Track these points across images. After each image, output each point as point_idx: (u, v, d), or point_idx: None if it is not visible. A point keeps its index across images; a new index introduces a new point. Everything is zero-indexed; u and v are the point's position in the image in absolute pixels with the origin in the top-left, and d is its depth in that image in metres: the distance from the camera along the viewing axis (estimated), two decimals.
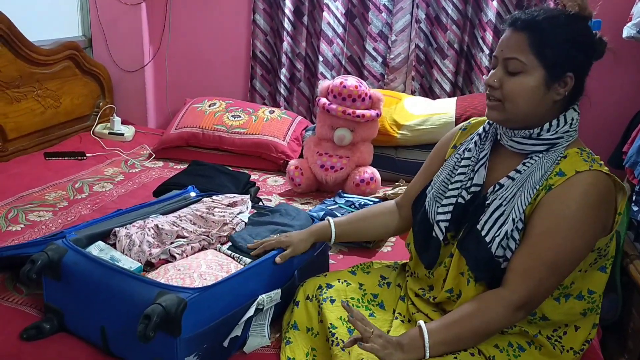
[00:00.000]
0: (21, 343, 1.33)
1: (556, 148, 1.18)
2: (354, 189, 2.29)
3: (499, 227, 1.16)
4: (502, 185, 1.20)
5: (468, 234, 1.21)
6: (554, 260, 1.12)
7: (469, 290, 1.20)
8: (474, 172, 1.26)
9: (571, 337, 1.23)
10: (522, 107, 1.17)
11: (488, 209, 1.19)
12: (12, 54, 2.49)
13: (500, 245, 1.15)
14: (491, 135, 1.28)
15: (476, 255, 1.19)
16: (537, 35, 1.14)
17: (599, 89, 2.70)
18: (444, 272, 1.27)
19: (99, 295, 1.28)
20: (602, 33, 1.22)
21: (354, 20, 2.88)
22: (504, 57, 1.17)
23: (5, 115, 2.47)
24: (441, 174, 1.33)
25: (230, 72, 3.17)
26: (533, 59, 1.14)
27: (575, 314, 1.22)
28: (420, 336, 1.11)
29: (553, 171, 1.15)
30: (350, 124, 2.32)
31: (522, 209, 1.15)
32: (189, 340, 1.19)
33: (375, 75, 2.91)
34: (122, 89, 3.20)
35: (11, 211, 2.02)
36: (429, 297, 1.30)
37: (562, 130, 1.18)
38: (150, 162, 2.67)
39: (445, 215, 1.26)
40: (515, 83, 1.16)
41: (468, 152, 1.29)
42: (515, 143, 1.22)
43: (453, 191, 1.27)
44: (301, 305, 1.35)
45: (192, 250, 1.50)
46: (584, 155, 1.17)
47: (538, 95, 1.16)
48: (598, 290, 1.22)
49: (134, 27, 3.09)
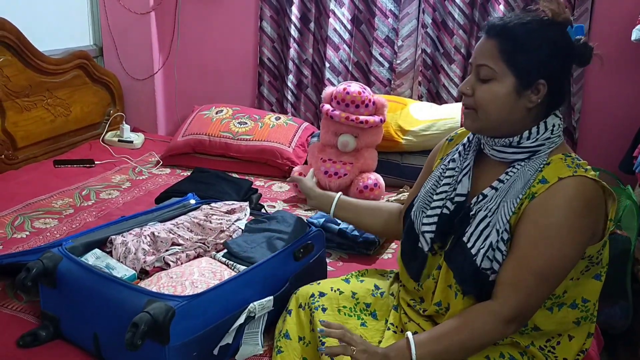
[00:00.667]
0: (17, 350, 1.35)
1: (538, 155, 1.15)
2: (358, 195, 2.28)
3: (484, 239, 1.14)
4: (485, 195, 1.18)
5: (455, 246, 1.19)
6: (542, 270, 1.09)
7: (456, 303, 1.18)
8: (457, 182, 1.24)
9: (565, 347, 1.20)
10: (494, 115, 1.15)
11: (473, 220, 1.17)
12: (22, 64, 2.54)
13: (486, 257, 1.13)
14: (474, 144, 1.27)
15: (462, 268, 1.16)
16: (508, 42, 1.12)
17: (609, 92, 2.66)
18: (432, 285, 1.25)
19: (92, 303, 1.30)
20: (611, 36, 1.20)
21: (360, 26, 2.88)
22: (477, 63, 1.16)
23: (16, 124, 2.52)
24: (427, 185, 1.31)
25: (238, 79, 3.19)
26: (503, 66, 1.12)
27: (569, 323, 1.19)
28: (407, 348, 1.10)
29: (536, 179, 1.13)
30: (354, 130, 2.31)
31: (507, 219, 1.13)
32: (178, 349, 1.19)
33: (382, 81, 2.90)
34: (132, 97, 3.24)
35: (18, 218, 2.05)
36: (419, 309, 1.29)
37: (543, 137, 1.15)
38: (157, 169, 2.70)
39: (430, 226, 1.24)
40: (485, 91, 1.14)
41: (452, 163, 1.27)
42: (496, 152, 1.20)
43: (437, 202, 1.25)
44: (293, 314, 1.34)
45: (187, 258, 1.51)
46: (568, 161, 1.14)
47: (509, 102, 1.14)
48: (592, 299, 1.19)
49: (144, 36, 3.13)
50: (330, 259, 1.84)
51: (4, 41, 2.44)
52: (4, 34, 2.43)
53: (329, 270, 1.68)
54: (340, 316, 1.30)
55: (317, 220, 1.93)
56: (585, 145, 2.72)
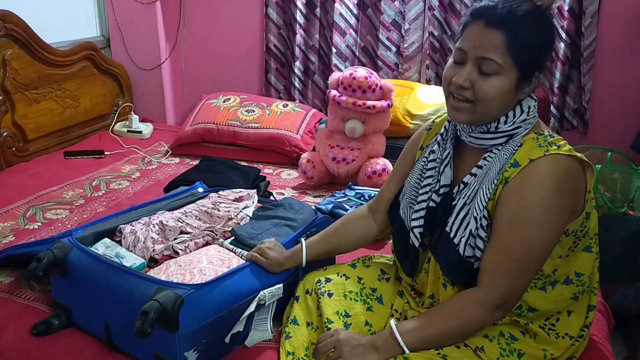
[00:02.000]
0: (31, 338, 1.38)
1: (514, 139, 1.13)
2: (366, 181, 2.27)
3: (465, 227, 1.14)
4: (466, 183, 1.17)
5: (439, 238, 1.19)
6: (520, 254, 1.08)
7: (446, 295, 1.18)
8: (440, 173, 1.22)
9: (564, 323, 1.19)
10: (494, 109, 1.12)
11: (454, 209, 1.16)
12: (30, 57, 2.55)
13: (469, 245, 1.13)
14: (451, 133, 1.24)
15: (447, 258, 1.16)
16: (515, 36, 1.07)
17: (619, 72, 2.61)
18: (425, 278, 1.25)
19: (102, 292, 1.31)
20: (622, 15, 1.19)
21: (367, 10, 2.85)
22: (478, 55, 1.09)
23: (25, 117, 2.54)
24: (411, 178, 1.30)
25: (245, 66, 3.18)
26: (509, 62, 1.08)
27: (566, 300, 1.18)
28: (392, 337, 1.12)
29: (508, 163, 1.11)
30: (361, 116, 2.30)
31: (484, 205, 1.12)
32: (187, 336, 1.20)
33: (390, 65, 2.88)
34: (141, 87, 3.26)
35: (30, 210, 2.07)
36: (418, 302, 1.29)
37: (520, 119, 1.13)
38: (166, 159, 2.71)
39: (419, 221, 1.23)
40: (489, 85, 1.09)
41: (433, 154, 1.25)
42: (473, 139, 1.17)
43: (423, 195, 1.24)
44: (301, 300, 1.35)
45: (195, 246, 1.52)
46: (540, 140, 1.11)
47: (509, 96, 1.12)
48: (586, 272, 1.18)
49: (150, 26, 3.13)
50: None
51: (11, 34, 2.45)
52: (12, 27, 2.44)
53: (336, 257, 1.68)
54: (347, 301, 1.31)
55: (325, 207, 1.93)
56: (596, 126, 2.69)
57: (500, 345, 1.15)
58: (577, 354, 1.23)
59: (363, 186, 2.22)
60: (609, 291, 2.07)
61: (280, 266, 1.38)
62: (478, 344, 1.14)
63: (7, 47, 2.44)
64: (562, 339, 1.19)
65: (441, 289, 1.20)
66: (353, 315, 1.30)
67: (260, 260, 1.37)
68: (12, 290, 1.56)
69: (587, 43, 2.55)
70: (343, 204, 1.99)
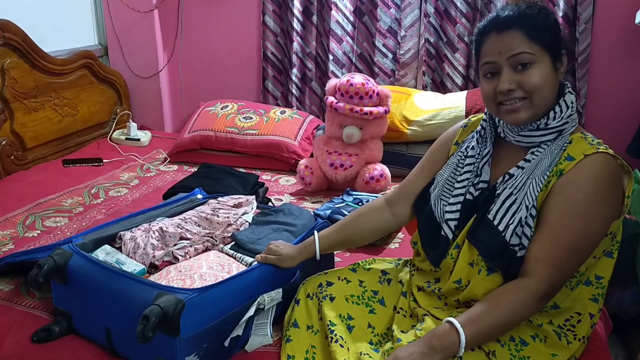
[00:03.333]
0: (31, 345, 1.38)
1: (563, 135, 1.17)
2: (364, 187, 2.29)
3: (512, 215, 1.16)
4: (512, 175, 1.20)
5: (479, 225, 1.20)
6: (572, 246, 1.11)
7: (479, 280, 1.18)
8: (480, 169, 1.26)
9: (585, 326, 1.21)
10: (547, 95, 1.16)
11: (498, 198, 1.19)
12: (29, 65, 2.57)
13: (515, 233, 1.15)
14: (490, 132, 1.28)
15: (489, 245, 1.17)
16: (530, 26, 1.15)
17: (614, 76, 2.64)
18: (451, 264, 1.25)
19: (103, 297, 1.32)
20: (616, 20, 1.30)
21: (363, 18, 2.88)
22: (508, 56, 1.15)
23: (24, 125, 2.55)
24: (444, 172, 1.32)
25: (242, 74, 3.20)
26: (537, 48, 1.14)
27: (583, 300, 1.20)
28: (451, 331, 1.08)
29: (561, 157, 1.15)
30: (358, 122, 2.31)
31: (535, 196, 1.15)
32: (188, 340, 1.21)
33: (386, 72, 2.90)
34: (139, 95, 3.27)
35: (29, 217, 2.08)
36: (433, 289, 1.29)
37: (567, 115, 1.18)
38: (165, 166, 2.72)
39: (454, 214, 1.25)
40: (532, 75, 1.14)
41: (472, 150, 1.28)
42: (523, 137, 1.20)
43: (460, 189, 1.26)
44: (302, 304, 1.35)
45: (195, 252, 1.53)
46: (588, 139, 1.17)
47: (553, 79, 1.17)
48: (606, 276, 1.21)
49: (148, 34, 3.15)
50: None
51: (9, 43, 2.47)
52: (10, 36, 2.46)
53: (336, 261, 1.69)
54: (349, 305, 1.32)
55: (323, 212, 1.94)
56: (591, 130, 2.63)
57: (511, 352, 1.16)
58: (577, 355, 1.24)
59: (361, 192, 2.23)
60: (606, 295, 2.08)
61: (292, 260, 1.39)
62: (491, 348, 1.15)
63: (5, 56, 2.45)
64: (578, 342, 1.20)
65: (473, 275, 1.20)
66: (356, 318, 1.31)
67: (270, 259, 1.38)
68: (13, 297, 1.56)
69: (582, 48, 2.58)
70: (341, 209, 2.00)
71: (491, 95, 1.19)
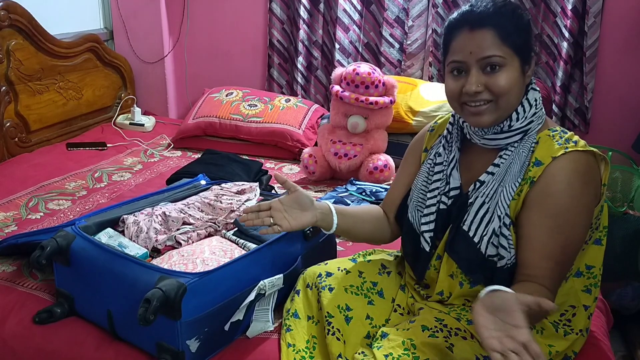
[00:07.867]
0: (33, 326, 1.39)
1: (529, 134, 1.15)
2: (368, 177, 2.28)
3: (486, 226, 1.14)
4: (482, 182, 1.18)
5: (455, 236, 1.19)
6: (563, 256, 1.11)
7: (461, 292, 1.19)
8: (448, 176, 1.23)
9: (580, 319, 1.21)
10: (514, 99, 1.14)
11: (471, 208, 1.17)
12: (34, 47, 2.56)
13: (491, 244, 1.13)
14: (456, 135, 1.25)
15: (467, 257, 1.17)
16: (503, 27, 1.11)
17: (622, 72, 2.62)
18: (435, 275, 1.25)
19: (105, 280, 1.32)
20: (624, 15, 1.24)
21: (370, 7, 2.86)
22: (479, 57, 1.12)
23: (28, 107, 2.55)
24: (417, 181, 1.30)
25: (248, 61, 3.19)
26: (508, 51, 1.12)
27: (576, 293, 1.19)
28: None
29: (530, 161, 1.13)
30: (363, 112, 2.30)
31: (507, 204, 1.13)
32: (189, 324, 1.21)
33: (392, 62, 2.89)
34: (143, 80, 3.26)
35: (32, 200, 2.08)
36: (424, 294, 1.30)
37: (530, 114, 1.15)
38: (168, 152, 2.72)
39: (429, 225, 1.24)
40: (500, 79, 1.12)
41: (439, 157, 1.26)
42: (488, 140, 1.18)
43: (432, 199, 1.24)
44: (302, 294, 1.35)
45: (198, 237, 1.53)
46: (556, 137, 1.14)
47: (520, 83, 1.14)
48: (597, 264, 1.20)
49: (154, 19, 3.13)
50: (340, 239, 1.84)
51: (15, 25, 2.46)
52: (16, 17, 2.45)
53: (338, 250, 1.69)
54: (347, 295, 1.31)
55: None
56: (597, 126, 2.70)
57: None
58: (577, 349, 1.23)
59: (364, 182, 2.23)
60: (607, 290, 2.08)
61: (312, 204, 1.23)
62: None
63: (11, 38, 2.44)
64: (575, 335, 1.20)
65: (456, 288, 1.20)
66: (354, 309, 1.30)
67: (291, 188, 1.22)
68: (15, 278, 1.57)
69: (590, 42, 2.55)
70: (345, 199, 2.00)
71: (456, 94, 1.16)
